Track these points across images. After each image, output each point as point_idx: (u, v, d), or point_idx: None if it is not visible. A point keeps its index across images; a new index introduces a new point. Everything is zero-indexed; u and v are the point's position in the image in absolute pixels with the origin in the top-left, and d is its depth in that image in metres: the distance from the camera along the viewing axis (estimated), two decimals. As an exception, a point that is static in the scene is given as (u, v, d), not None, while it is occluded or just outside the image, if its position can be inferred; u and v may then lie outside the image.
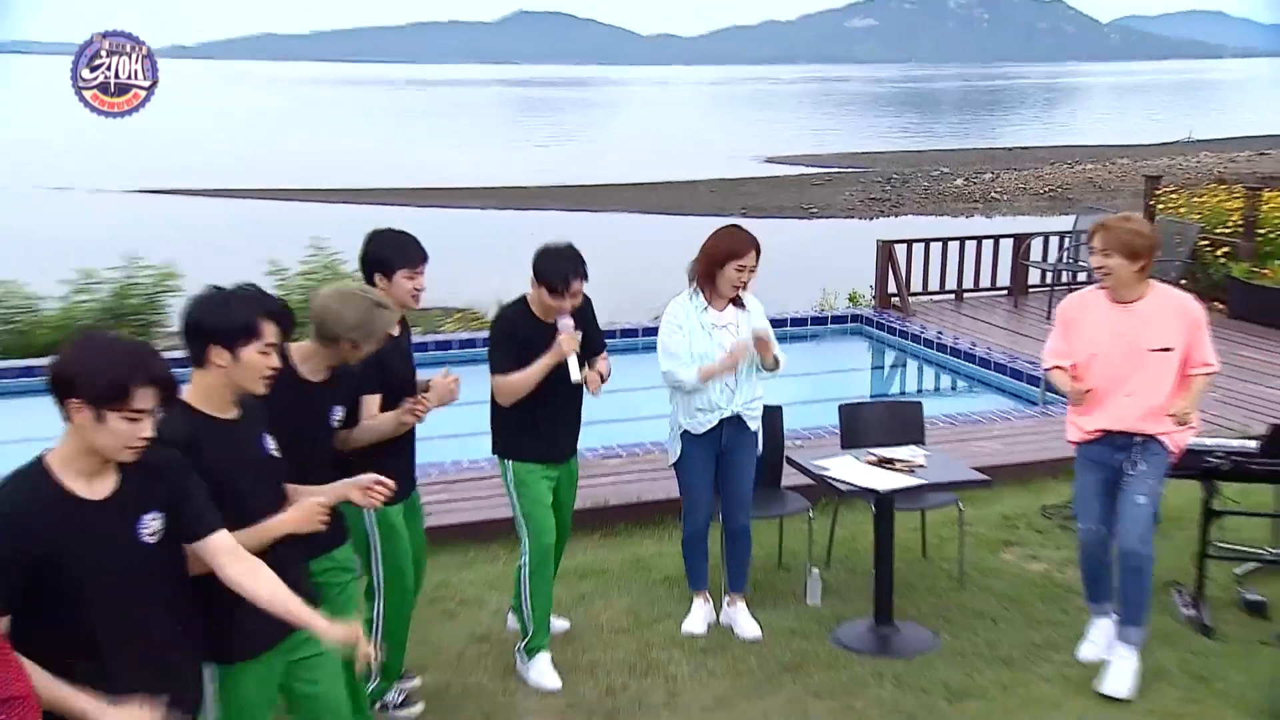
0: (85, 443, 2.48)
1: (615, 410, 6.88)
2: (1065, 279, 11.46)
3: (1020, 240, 12.12)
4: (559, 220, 27.12)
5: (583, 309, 4.76)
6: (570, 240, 4.64)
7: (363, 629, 2.94)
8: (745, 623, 5.19)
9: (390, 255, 4.18)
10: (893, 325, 11.16)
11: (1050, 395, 8.77)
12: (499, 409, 4.67)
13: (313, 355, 3.58)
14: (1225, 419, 8.01)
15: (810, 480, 5.35)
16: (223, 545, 2.67)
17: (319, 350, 3.58)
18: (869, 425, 5.96)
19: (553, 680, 4.70)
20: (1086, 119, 72.77)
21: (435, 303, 15.51)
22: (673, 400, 5.12)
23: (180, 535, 2.64)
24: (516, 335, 4.61)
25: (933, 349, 10.35)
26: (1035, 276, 12.09)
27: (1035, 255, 12.13)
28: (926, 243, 11.93)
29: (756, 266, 4.92)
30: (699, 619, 5.20)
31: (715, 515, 5.24)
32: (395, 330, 4.06)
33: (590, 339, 4.73)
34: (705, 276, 4.94)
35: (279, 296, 3.43)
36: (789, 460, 5.46)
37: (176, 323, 3.15)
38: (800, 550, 5.93)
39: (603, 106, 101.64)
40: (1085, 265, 11.40)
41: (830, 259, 12.35)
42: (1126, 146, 45.12)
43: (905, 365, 11.02)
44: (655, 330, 5.32)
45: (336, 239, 11.80)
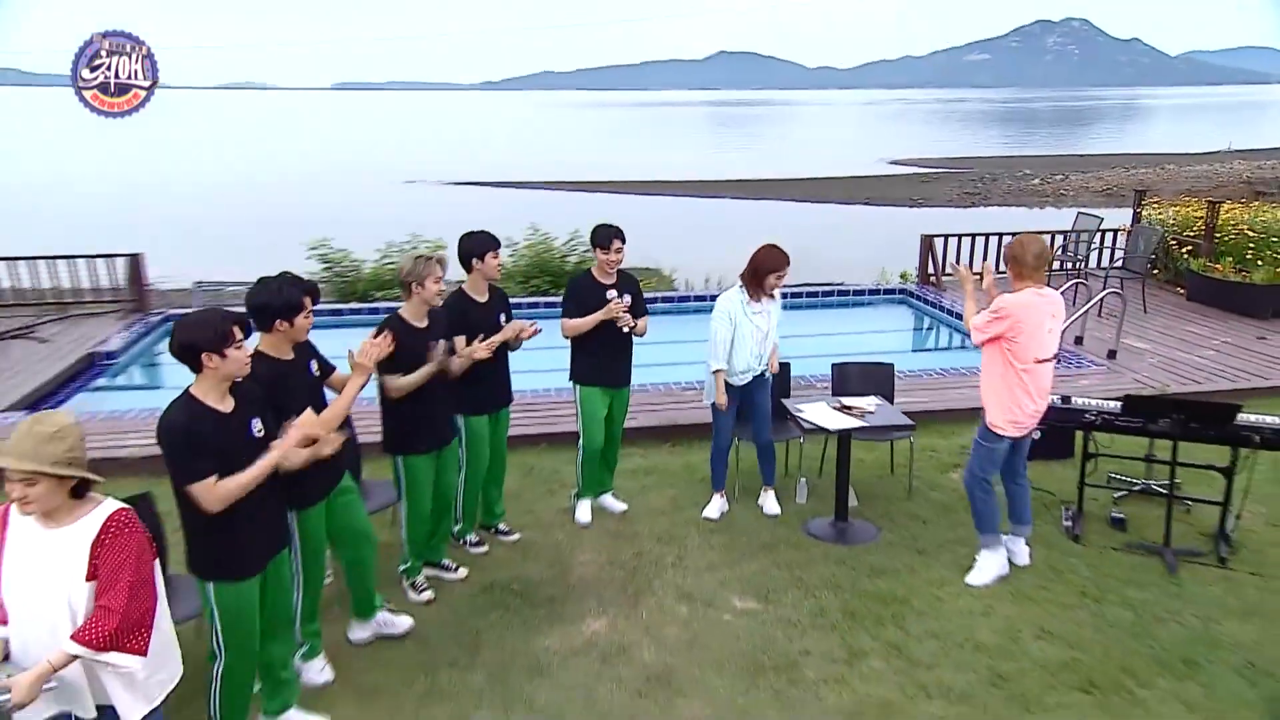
0: (216, 379, 3.25)
1: (686, 354, 7.30)
2: (1067, 267, 11.54)
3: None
4: (741, 205, 30.68)
5: (632, 285, 5.61)
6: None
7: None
8: (771, 505, 5.92)
9: (476, 247, 4.95)
10: (928, 298, 11.47)
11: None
12: (573, 346, 5.56)
13: (411, 308, 4.54)
14: (1154, 380, 8.14)
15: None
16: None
17: (409, 302, 4.53)
18: (851, 379, 6.47)
19: (585, 516, 5.82)
20: (1148, 132, 73.14)
21: (632, 265, 17.03)
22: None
23: (269, 434, 3.46)
24: (579, 292, 5.50)
25: (955, 317, 10.68)
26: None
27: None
28: (959, 237, 12.00)
29: (786, 274, 5.60)
30: (714, 509, 5.93)
31: (734, 438, 5.94)
32: (483, 298, 4.99)
33: (636, 305, 5.56)
34: (752, 279, 5.58)
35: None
36: (781, 403, 5.97)
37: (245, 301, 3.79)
38: (798, 463, 6.53)
39: (778, 122, 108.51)
40: (1079, 257, 11.51)
41: (906, 241, 12.93)
42: (1175, 154, 44.52)
43: (935, 328, 11.36)
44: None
45: (577, 220, 13.02)
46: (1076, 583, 5.01)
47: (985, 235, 12.15)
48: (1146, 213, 12.05)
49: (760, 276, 5.55)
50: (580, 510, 5.85)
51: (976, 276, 5.58)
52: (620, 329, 5.45)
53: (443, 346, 4.63)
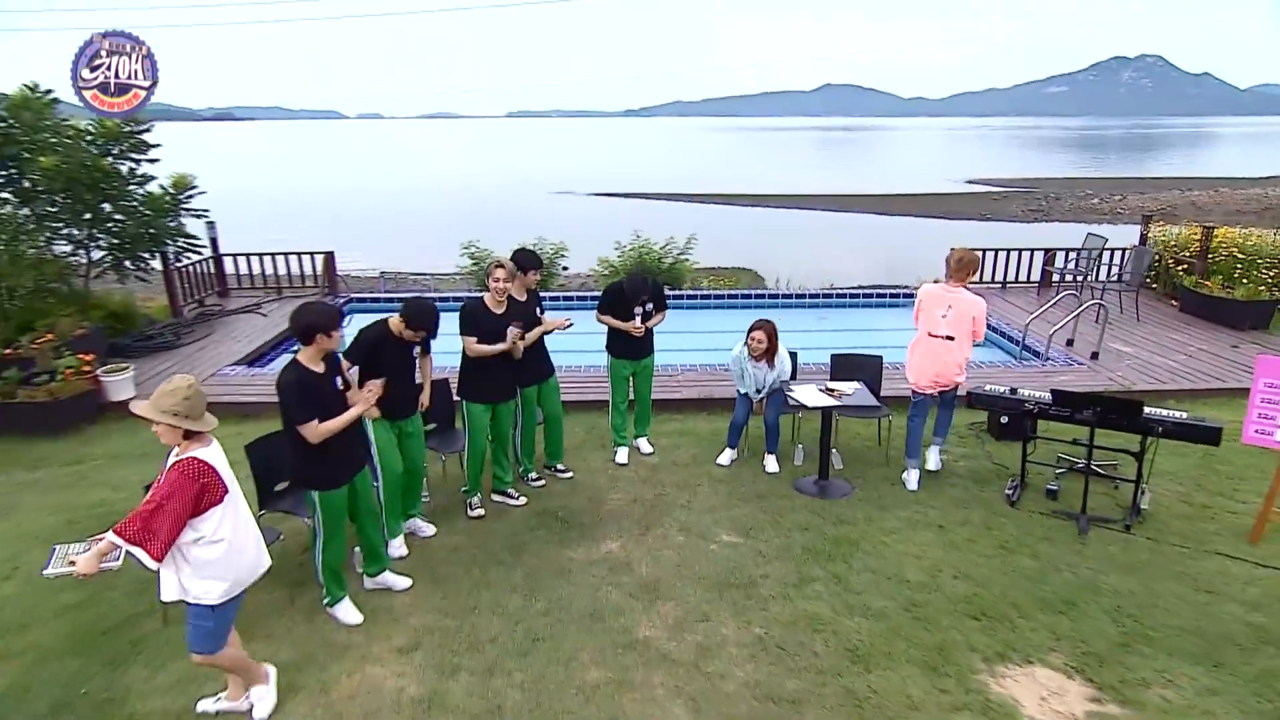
0: (319, 350, 3.83)
1: (730, 341, 7.69)
2: (1076, 280, 11.10)
3: (1048, 253, 11.77)
4: (830, 216, 30.56)
5: (657, 294, 6.02)
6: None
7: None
8: (771, 465, 6.15)
9: (524, 262, 5.38)
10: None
11: (1026, 353, 8.92)
12: (608, 333, 6.07)
13: (489, 298, 5.12)
14: (1126, 379, 7.85)
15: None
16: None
17: (486, 295, 5.10)
18: (845, 367, 6.65)
19: (623, 458, 6.25)
20: (1212, 158, 66.68)
21: (730, 265, 17.72)
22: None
23: (345, 388, 4.05)
24: (613, 298, 6.00)
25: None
26: (1056, 275, 11.67)
27: (1058, 263, 11.78)
28: (995, 251, 11.70)
29: (764, 344, 5.87)
30: (725, 458, 6.26)
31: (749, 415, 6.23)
32: (523, 297, 5.44)
33: (658, 303, 6.07)
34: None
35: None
36: (781, 383, 6.09)
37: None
38: (804, 434, 6.74)
39: (872, 145, 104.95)
40: (1085, 271, 11.06)
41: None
42: (1231, 178, 41.22)
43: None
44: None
45: (692, 227, 13.58)
46: (1000, 538, 5.10)
47: (1005, 250, 11.86)
48: (1152, 234, 11.46)
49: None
50: (619, 454, 6.35)
51: None
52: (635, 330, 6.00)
53: (514, 333, 5.13)
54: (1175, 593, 4.46)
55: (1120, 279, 10.68)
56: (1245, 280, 9.86)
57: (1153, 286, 11.07)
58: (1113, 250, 11.26)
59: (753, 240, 24.90)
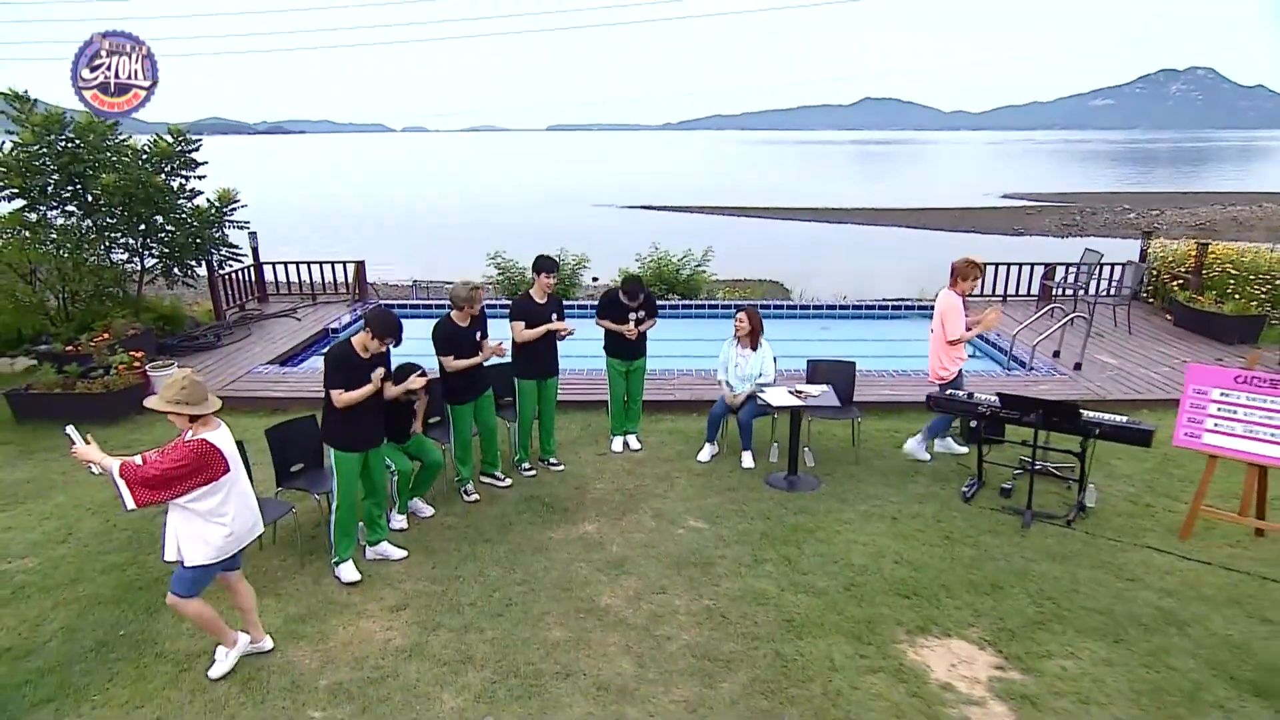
0: (364, 341, 4.53)
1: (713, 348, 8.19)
2: (1070, 293, 11.35)
3: (1047, 267, 12.03)
4: (861, 230, 30.96)
5: (649, 302, 6.55)
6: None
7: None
8: (747, 460, 6.58)
9: (541, 265, 6.00)
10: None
11: (1013, 363, 9.23)
12: (605, 335, 6.58)
13: (460, 315, 5.57)
14: (1102, 389, 8.14)
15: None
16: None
17: (459, 311, 5.54)
18: (820, 373, 7.07)
19: (619, 446, 6.80)
20: (1262, 172, 64.89)
21: (756, 277, 18.02)
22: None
23: (385, 377, 4.68)
24: (609, 303, 6.53)
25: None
26: (1056, 289, 11.91)
27: (1057, 277, 11.99)
28: (997, 265, 12.00)
29: (746, 326, 6.47)
30: (705, 454, 6.71)
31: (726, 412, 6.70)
32: (543, 300, 6.01)
33: (649, 312, 6.55)
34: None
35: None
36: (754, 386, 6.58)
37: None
38: (780, 434, 7.03)
39: (911, 159, 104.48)
40: (1081, 285, 11.30)
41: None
42: (1276, 193, 40.07)
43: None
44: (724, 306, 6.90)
45: (718, 238, 13.95)
46: (947, 530, 5.48)
47: (1007, 264, 12.12)
48: (1150, 251, 11.66)
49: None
50: (616, 442, 6.93)
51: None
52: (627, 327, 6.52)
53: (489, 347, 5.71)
54: (1097, 579, 4.82)
55: (1113, 293, 10.91)
56: (1237, 295, 10.04)
57: (1149, 301, 11.27)
58: (1109, 265, 11.50)
59: (781, 253, 25.32)
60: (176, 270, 10.45)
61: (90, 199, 9.55)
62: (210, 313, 11.46)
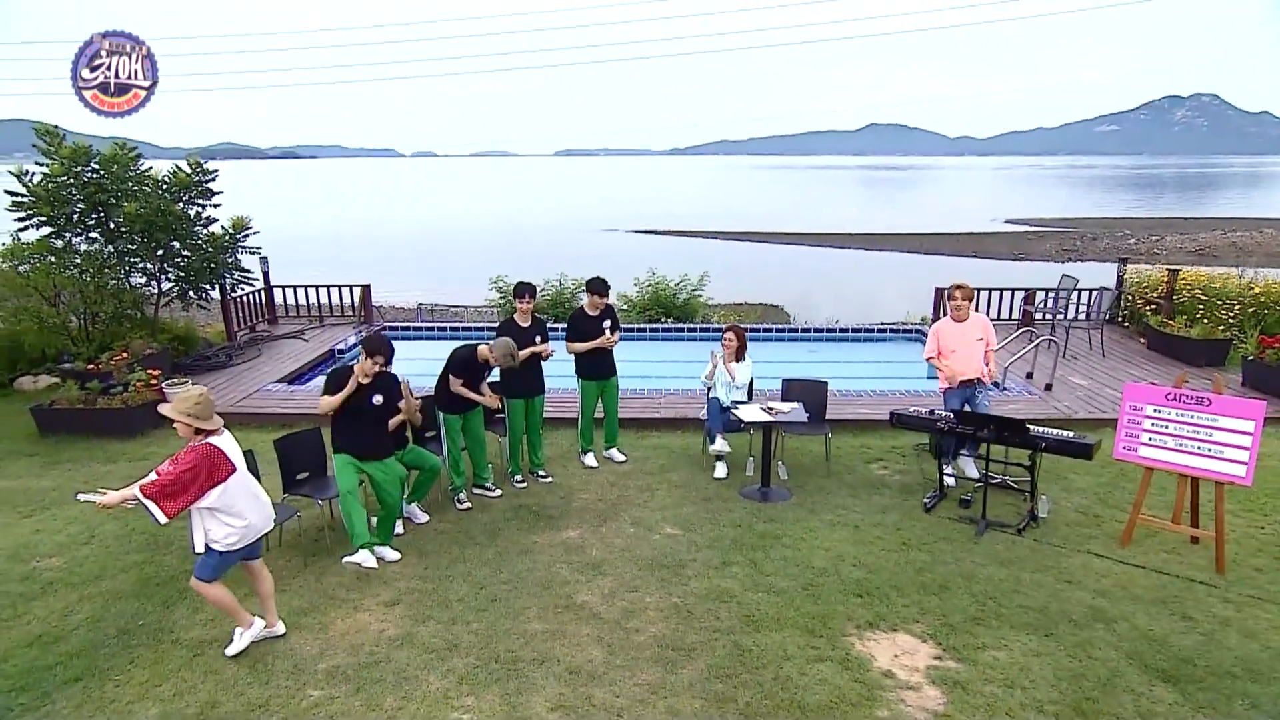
0: (361, 365, 5.02)
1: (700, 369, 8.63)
2: (1050, 317, 11.78)
3: (1028, 292, 12.47)
4: (863, 255, 31.49)
5: (612, 312, 7.02)
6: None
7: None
8: (720, 471, 6.99)
9: (520, 290, 6.54)
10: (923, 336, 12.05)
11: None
12: (576, 359, 7.02)
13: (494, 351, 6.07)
14: (1070, 408, 8.52)
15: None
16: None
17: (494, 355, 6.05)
18: (794, 391, 7.49)
19: (591, 462, 7.16)
20: (1266, 198, 65.51)
21: (754, 302, 18.45)
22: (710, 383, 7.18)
23: (389, 404, 5.17)
24: (578, 323, 6.96)
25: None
26: (1037, 314, 12.34)
27: (1037, 302, 12.41)
28: (979, 290, 12.38)
29: (734, 343, 6.96)
30: (721, 471, 7.00)
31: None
32: (526, 323, 6.49)
33: (616, 326, 7.03)
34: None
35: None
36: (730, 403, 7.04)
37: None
38: (757, 449, 7.33)
39: (916, 184, 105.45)
40: (1060, 309, 11.72)
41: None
42: (1277, 220, 40.34)
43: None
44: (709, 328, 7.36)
45: (718, 262, 14.26)
46: (904, 537, 5.86)
47: (989, 290, 12.53)
48: (1126, 276, 12.10)
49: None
50: (588, 458, 7.31)
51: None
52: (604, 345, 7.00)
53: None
54: (1038, 581, 5.21)
55: (1089, 317, 11.33)
56: (1205, 320, 10.45)
57: (1125, 325, 11.69)
58: (1085, 291, 11.91)
59: (783, 278, 25.82)
60: (191, 293, 10.99)
61: (113, 226, 10.13)
62: (222, 334, 11.99)
